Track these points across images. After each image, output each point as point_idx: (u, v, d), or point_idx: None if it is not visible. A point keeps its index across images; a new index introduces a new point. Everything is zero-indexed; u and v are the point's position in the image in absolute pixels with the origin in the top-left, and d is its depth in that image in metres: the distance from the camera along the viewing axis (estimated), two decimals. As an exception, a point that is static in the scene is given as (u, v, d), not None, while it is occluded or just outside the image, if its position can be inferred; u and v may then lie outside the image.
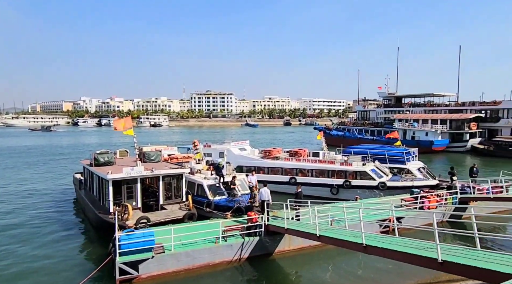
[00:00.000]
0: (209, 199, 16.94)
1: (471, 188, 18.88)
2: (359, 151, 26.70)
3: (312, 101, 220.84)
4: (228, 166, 19.27)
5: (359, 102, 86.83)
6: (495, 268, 5.52)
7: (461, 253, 6.59)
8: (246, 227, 13.53)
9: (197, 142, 23.19)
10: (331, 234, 10.13)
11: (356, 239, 8.79)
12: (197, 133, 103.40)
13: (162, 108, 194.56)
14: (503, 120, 48.11)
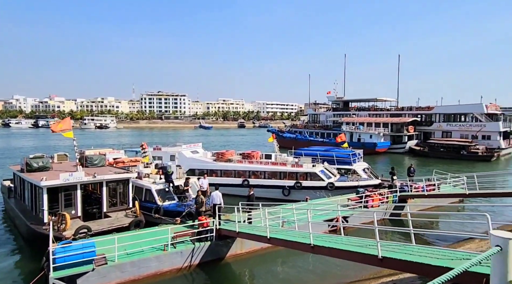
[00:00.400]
0: (157, 205, 16.23)
1: (409, 186, 20.49)
2: (309, 152, 27.60)
3: (266, 104, 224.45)
4: (178, 169, 18.66)
5: (310, 106, 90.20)
6: (427, 262, 5.92)
7: (399, 249, 7.01)
8: (196, 232, 13.17)
9: (146, 144, 22.15)
10: (281, 236, 10.24)
11: (305, 240, 8.97)
12: (148, 136, 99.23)
13: (109, 109, 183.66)
14: (436, 124, 53.19)
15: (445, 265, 5.59)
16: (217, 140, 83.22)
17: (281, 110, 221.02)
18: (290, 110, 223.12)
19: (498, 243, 2.45)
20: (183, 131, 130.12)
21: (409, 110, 57.63)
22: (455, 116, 51.37)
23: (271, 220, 14.78)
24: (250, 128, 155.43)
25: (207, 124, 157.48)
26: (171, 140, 72.90)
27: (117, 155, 23.18)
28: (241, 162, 24.99)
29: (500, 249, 2.42)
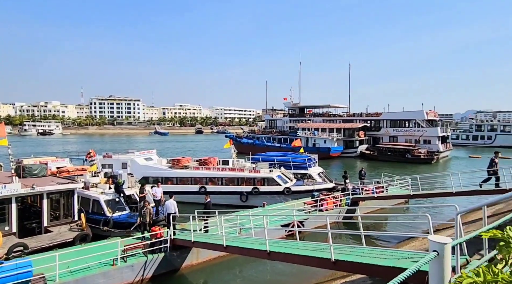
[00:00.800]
0: (107, 216, 15.19)
1: (360, 189, 21.49)
2: (266, 158, 27.84)
3: (224, 109, 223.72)
4: (130, 178, 17.70)
5: (267, 112, 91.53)
6: (376, 262, 6.13)
7: (351, 251, 7.21)
8: (149, 244, 12.51)
9: (94, 152, 20.75)
10: (238, 244, 10.08)
11: (261, 246, 8.91)
12: (98, 143, 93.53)
13: (54, 114, 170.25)
14: (383, 130, 56.80)
15: (392, 264, 5.83)
16: (174, 147, 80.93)
17: (239, 116, 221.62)
18: (248, 116, 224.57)
19: (435, 248, 2.55)
20: (137, 138, 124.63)
21: (359, 116, 60.92)
22: (400, 122, 55.27)
23: (228, 228, 14.58)
24: (208, 134, 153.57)
25: (163, 130, 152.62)
26: (124, 147, 69.38)
27: (61, 164, 21.44)
28: (198, 168, 24.46)
29: (437, 254, 2.51)
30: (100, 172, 18.79)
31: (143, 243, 12.45)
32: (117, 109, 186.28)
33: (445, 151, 52.22)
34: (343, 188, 22.26)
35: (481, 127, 75.18)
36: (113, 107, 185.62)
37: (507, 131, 71.13)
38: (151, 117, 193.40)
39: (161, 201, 15.71)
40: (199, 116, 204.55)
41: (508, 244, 1.98)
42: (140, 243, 12.45)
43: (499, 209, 15.64)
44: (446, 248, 2.51)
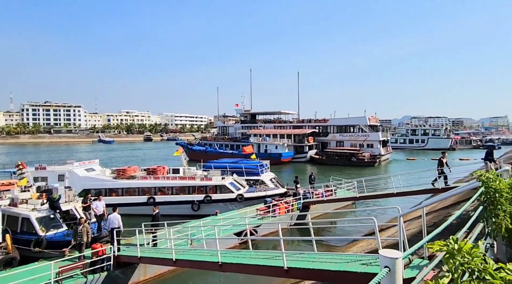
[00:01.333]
0: (39, 236, 13.57)
1: (311, 193, 22.04)
2: (218, 165, 27.41)
3: (174, 116, 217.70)
4: (67, 191, 16.09)
5: (219, 118, 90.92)
6: (327, 268, 6.14)
7: (303, 258, 7.17)
8: (89, 263, 11.38)
9: (23, 163, 18.60)
10: (188, 256, 9.56)
11: (212, 258, 8.53)
12: (32, 153, 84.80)
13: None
14: (330, 135, 59.53)
15: (342, 269, 5.87)
16: (121, 156, 76.42)
17: (191, 123, 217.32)
18: (200, 123, 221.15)
19: (386, 264, 2.50)
20: (79, 147, 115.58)
21: (308, 122, 63.22)
22: (345, 128, 58.41)
23: (179, 239, 13.90)
24: (157, 141, 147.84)
25: (108, 138, 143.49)
26: (63, 158, 63.62)
27: (-17, 178, 18.85)
28: (146, 178, 23.19)
29: (388, 270, 2.46)
30: (32, 186, 16.80)
31: (81, 263, 11.28)
32: (55, 116, 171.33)
33: (386, 154, 56.21)
34: (294, 192, 22.65)
35: (416, 132, 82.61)
36: (50, 114, 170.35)
37: (437, 135, 79.02)
38: (94, 125, 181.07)
39: (103, 215, 14.47)
40: (147, 123, 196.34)
41: (452, 255, 1.98)
42: (78, 263, 11.26)
43: (433, 207, 17.04)
44: (397, 263, 2.47)
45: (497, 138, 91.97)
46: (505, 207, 3.78)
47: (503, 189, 3.86)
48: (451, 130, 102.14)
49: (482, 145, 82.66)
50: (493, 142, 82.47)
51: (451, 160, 54.59)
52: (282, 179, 31.47)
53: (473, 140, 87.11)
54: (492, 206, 3.84)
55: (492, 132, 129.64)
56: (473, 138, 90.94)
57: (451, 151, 74.14)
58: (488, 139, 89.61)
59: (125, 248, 12.66)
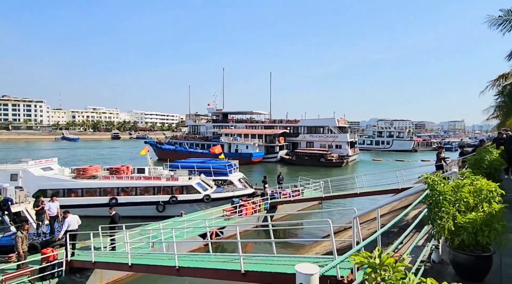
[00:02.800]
0: (-17, 240, 12.50)
1: (278, 193, 22.11)
2: (186, 165, 26.83)
3: (145, 114, 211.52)
4: (18, 192, 14.97)
5: (190, 117, 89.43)
6: (283, 271, 6.05)
7: (261, 260, 7.05)
8: (38, 269, 10.60)
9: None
10: (144, 261, 9.14)
11: (169, 262, 8.20)
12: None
13: None
14: (301, 136, 60.37)
15: (298, 271, 5.78)
16: (86, 154, 72.96)
17: (162, 121, 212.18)
18: (171, 121, 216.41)
19: (300, 281, 2.39)
20: (40, 144, 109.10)
21: (280, 123, 63.70)
22: (315, 129, 59.48)
23: (139, 242, 13.36)
24: (126, 140, 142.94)
25: (72, 135, 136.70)
26: (22, 156, 59.60)
27: None
28: (108, 178, 22.18)
29: None
30: (-24, 187, 15.44)
31: (29, 269, 10.47)
32: (13, 111, 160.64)
33: (353, 155, 57.87)
34: (262, 193, 22.63)
35: (382, 134, 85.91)
36: (8, 109, 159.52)
37: (401, 137, 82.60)
38: (58, 122, 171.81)
39: (57, 217, 13.58)
40: (116, 120, 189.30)
41: (375, 270, 1.90)
42: (25, 270, 10.44)
43: (394, 206, 17.66)
44: (312, 279, 2.35)
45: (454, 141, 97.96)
46: (449, 209, 3.84)
47: (447, 192, 3.92)
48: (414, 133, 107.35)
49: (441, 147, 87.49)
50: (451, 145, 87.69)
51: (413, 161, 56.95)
52: (252, 179, 31.39)
53: (433, 143, 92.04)
54: (436, 208, 3.88)
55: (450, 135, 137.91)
56: (433, 140, 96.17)
57: (413, 152, 77.90)
58: (446, 142, 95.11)
59: (80, 253, 11.94)
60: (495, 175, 7.67)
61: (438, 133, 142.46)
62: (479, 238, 3.61)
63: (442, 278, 4.06)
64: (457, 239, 3.77)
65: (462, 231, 3.75)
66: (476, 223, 3.67)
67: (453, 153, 69.80)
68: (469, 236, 3.67)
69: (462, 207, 3.97)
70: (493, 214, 3.72)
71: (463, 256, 3.76)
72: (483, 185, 4.26)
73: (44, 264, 10.72)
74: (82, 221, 13.03)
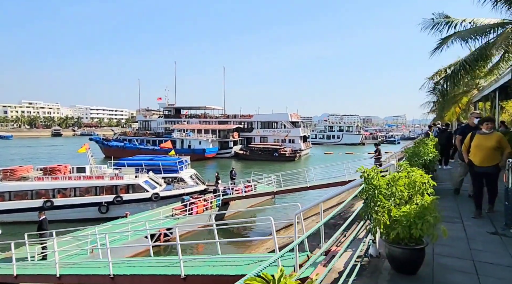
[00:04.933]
0: None
1: (231, 189, 21.75)
2: (133, 162, 25.36)
3: (90, 109, 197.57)
4: None
5: (140, 112, 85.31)
6: (226, 272, 5.74)
7: (204, 262, 6.65)
8: None
9: None
10: (76, 271, 8.23)
11: (103, 270, 7.44)
12: None
13: None
14: (255, 131, 60.56)
15: (240, 272, 5.50)
16: (21, 153, 66.05)
17: (110, 117, 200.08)
18: (120, 117, 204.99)
19: None
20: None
21: (234, 118, 63.25)
22: (269, 124, 60.01)
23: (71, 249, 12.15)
24: (69, 137, 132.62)
25: (4, 133, 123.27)
26: None
27: None
28: (42, 179, 20.11)
29: None
30: None
31: None
32: None
33: (306, 149, 59.52)
34: (214, 189, 22.13)
35: (332, 128, 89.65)
36: None
37: (351, 131, 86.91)
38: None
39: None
40: (56, 116, 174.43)
41: None
42: None
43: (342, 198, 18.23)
44: None
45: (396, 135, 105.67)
46: (384, 203, 3.75)
47: (382, 186, 3.83)
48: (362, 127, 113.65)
49: (385, 140, 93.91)
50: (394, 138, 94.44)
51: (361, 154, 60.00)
52: (205, 175, 30.64)
53: (378, 136, 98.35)
54: (372, 203, 3.77)
55: (393, 129, 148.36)
56: (378, 134, 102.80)
57: (361, 145, 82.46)
58: (390, 136, 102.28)
59: (2, 265, 10.53)
60: (429, 166, 8.05)
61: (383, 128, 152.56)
62: (412, 231, 3.56)
63: (378, 272, 4.01)
64: (392, 233, 3.70)
65: (397, 224, 3.69)
66: (410, 216, 3.63)
67: (395, 146, 75.15)
68: (403, 229, 3.62)
69: (397, 201, 3.92)
70: (425, 206, 3.70)
71: (398, 249, 3.70)
72: (416, 177, 4.27)
73: (-46, 281, 9.24)
74: (11, 228, 11.57)
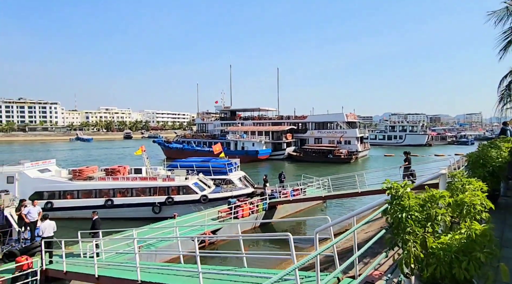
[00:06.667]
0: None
1: (278, 192, 21.14)
2: (185, 164, 26.22)
3: (156, 113, 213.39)
4: (3, 195, 14.59)
5: (198, 115, 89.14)
6: None
7: (225, 277, 6.21)
8: (12, 279, 10.08)
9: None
10: (111, 273, 8.44)
11: (133, 275, 7.45)
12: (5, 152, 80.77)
13: None
14: (309, 132, 59.01)
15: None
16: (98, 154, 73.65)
17: (173, 120, 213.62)
18: (182, 120, 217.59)
19: None
20: (55, 145, 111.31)
21: (287, 119, 62.45)
22: (324, 125, 57.97)
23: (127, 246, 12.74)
24: (138, 139, 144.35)
25: (86, 136, 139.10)
26: (40, 156, 60.74)
27: None
28: (104, 179, 21.78)
29: None
30: (-36, 190, 15.18)
31: (1, 279, 9.98)
32: (29, 113, 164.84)
33: (363, 151, 56.17)
34: (262, 192, 21.76)
35: (394, 128, 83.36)
36: (24, 111, 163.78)
37: (414, 132, 79.96)
38: (72, 122, 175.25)
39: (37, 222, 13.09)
40: (128, 120, 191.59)
41: None
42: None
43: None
44: None
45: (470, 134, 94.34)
46: (415, 230, 2.87)
47: (413, 207, 2.95)
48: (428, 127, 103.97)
49: (455, 140, 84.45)
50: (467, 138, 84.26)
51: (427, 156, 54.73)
52: (257, 178, 30.53)
53: (448, 137, 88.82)
54: (399, 229, 2.93)
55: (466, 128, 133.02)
56: (448, 134, 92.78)
57: (427, 146, 75.26)
58: (462, 136, 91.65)
59: (59, 260, 11.38)
60: (500, 174, 6.55)
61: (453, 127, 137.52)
62: (454, 270, 2.65)
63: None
64: (427, 270, 2.81)
65: (434, 259, 2.79)
66: (452, 250, 2.71)
67: (469, 147, 66.95)
68: (442, 267, 2.72)
69: (436, 227, 3.00)
70: (474, 237, 2.74)
71: (436, 292, 2.80)
72: (466, 195, 3.26)
73: (17, 273, 10.19)
74: (78, 223, 12.56)
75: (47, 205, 20.41)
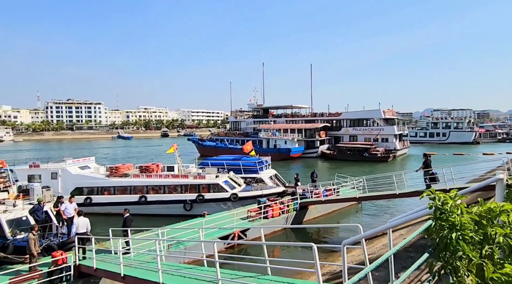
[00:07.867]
0: (7, 240, 12.87)
1: (310, 192, 20.38)
2: (216, 162, 26.29)
3: (191, 112, 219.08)
4: (44, 191, 15.38)
5: (232, 113, 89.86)
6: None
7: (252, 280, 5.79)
8: (47, 273, 10.47)
9: (3, 162, 18.10)
10: (136, 272, 8.38)
11: (154, 276, 7.30)
12: (55, 149, 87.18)
13: (4, 119, 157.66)
14: (344, 129, 57.03)
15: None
16: (138, 151, 77.07)
17: (207, 118, 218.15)
18: (216, 118, 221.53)
19: None
20: (99, 143, 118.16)
21: (321, 116, 60.87)
22: (359, 122, 55.71)
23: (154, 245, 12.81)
24: (174, 137, 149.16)
25: (126, 134, 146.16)
26: (85, 153, 64.77)
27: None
28: (138, 176, 22.38)
29: None
30: (11, 186, 16.23)
31: (37, 273, 10.38)
32: (76, 113, 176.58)
33: (402, 149, 53.28)
34: (293, 191, 21.15)
35: (437, 125, 78.25)
36: (72, 111, 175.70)
37: (460, 128, 74.54)
38: (114, 121, 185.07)
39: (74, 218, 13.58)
40: (165, 119, 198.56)
41: None
42: (34, 273, 10.37)
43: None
44: None
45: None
46: (469, 255, 2.26)
47: (465, 225, 2.32)
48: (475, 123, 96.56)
49: (507, 138, 77.45)
50: None
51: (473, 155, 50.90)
52: (289, 176, 29.90)
53: (498, 134, 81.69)
54: (448, 252, 2.32)
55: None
56: (498, 131, 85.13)
57: (475, 145, 69.80)
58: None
59: (91, 256, 11.67)
60: None
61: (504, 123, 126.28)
62: (524, 312, 2.01)
63: None
64: (485, 306, 2.18)
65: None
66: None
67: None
68: (507, 305, 2.08)
69: (496, 251, 2.34)
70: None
71: None
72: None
73: (53, 267, 10.56)
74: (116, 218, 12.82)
75: (86, 200, 21.39)
